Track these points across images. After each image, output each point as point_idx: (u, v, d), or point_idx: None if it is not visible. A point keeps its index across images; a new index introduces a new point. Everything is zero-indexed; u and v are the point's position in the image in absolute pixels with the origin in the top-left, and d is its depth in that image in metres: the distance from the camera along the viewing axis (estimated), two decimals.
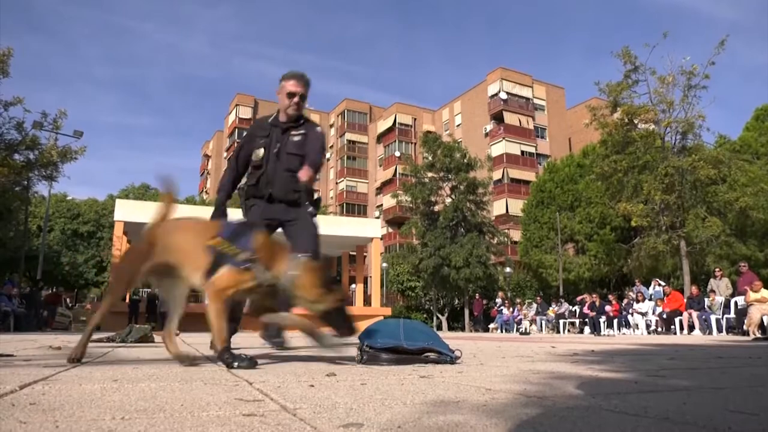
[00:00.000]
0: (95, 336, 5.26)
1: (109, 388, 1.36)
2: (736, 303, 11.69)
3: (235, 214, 3.27)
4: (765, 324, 9.53)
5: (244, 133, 3.89)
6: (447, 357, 2.29)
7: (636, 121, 19.78)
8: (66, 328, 18.05)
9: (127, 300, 16.94)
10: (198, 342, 4.84)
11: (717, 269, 13.96)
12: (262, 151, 3.49)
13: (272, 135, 3.53)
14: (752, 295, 10.41)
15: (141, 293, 17.54)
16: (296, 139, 3.49)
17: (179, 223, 2.33)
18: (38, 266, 21.46)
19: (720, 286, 12.80)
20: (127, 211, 17.07)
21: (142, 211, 17.63)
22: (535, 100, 46.87)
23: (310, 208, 3.49)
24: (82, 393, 1.25)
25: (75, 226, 35.65)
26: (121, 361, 2.32)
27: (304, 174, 3.27)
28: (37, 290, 16.37)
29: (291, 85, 3.46)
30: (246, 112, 56.96)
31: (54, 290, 18.11)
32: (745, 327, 9.62)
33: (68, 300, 20.52)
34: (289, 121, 3.53)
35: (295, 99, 3.46)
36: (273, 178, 3.46)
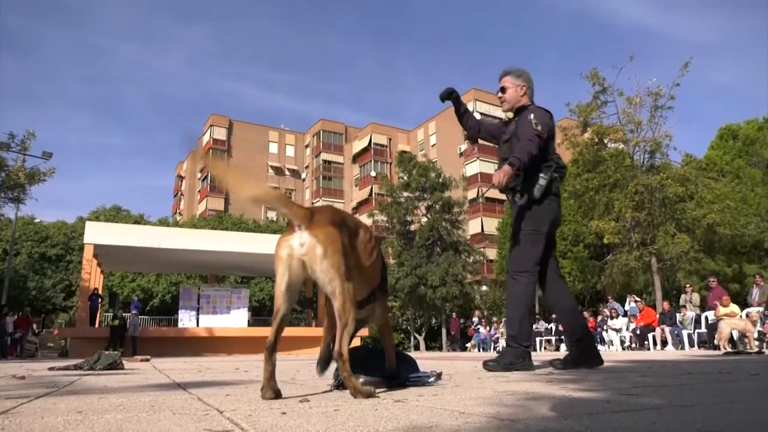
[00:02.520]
0: (61, 364, 5.09)
1: (73, 420, 1.31)
2: (706, 318, 11.92)
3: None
4: (734, 338, 9.73)
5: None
6: (425, 380, 2.28)
7: (606, 141, 20.24)
8: (32, 355, 17.44)
9: (97, 324, 16.44)
10: (170, 368, 4.71)
11: (687, 285, 14.24)
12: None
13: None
14: (722, 310, 10.65)
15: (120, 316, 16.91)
16: (511, 127, 3.82)
17: None
18: (3, 291, 20.78)
19: (692, 301, 13.06)
20: (98, 234, 16.68)
21: (113, 233, 17.27)
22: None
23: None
24: (44, 427, 1.21)
25: (43, 249, 34.69)
26: (88, 391, 2.25)
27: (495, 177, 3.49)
28: (2, 316, 15.79)
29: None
30: (221, 133, 56.55)
31: (20, 313, 17.41)
32: (715, 341, 9.81)
33: (35, 326, 19.81)
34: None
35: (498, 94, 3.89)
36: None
